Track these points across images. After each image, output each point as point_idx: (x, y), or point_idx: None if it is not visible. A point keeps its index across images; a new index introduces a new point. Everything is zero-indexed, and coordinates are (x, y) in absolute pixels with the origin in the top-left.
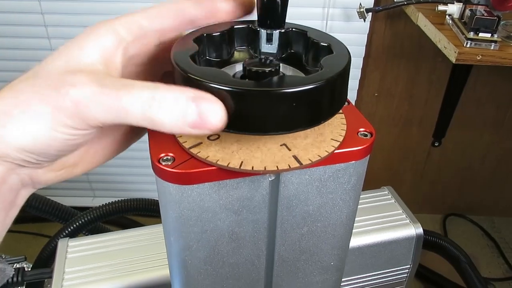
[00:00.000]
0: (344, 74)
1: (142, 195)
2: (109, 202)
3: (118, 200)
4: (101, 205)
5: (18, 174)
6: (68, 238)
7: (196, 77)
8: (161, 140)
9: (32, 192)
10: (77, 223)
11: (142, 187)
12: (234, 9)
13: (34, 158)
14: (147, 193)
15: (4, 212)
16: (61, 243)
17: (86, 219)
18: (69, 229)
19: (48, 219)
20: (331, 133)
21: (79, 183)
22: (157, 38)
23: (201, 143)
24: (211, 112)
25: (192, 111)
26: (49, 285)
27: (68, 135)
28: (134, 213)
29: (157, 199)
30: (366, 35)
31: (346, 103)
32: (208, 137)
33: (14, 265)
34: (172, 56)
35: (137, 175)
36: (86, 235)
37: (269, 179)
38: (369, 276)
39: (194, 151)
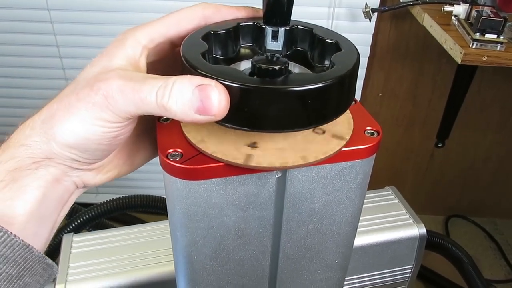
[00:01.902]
0: (356, 70)
1: (145, 192)
2: (113, 199)
3: (122, 197)
4: (105, 201)
5: (71, 177)
6: (72, 233)
7: (211, 76)
8: (169, 136)
9: (83, 192)
10: (81, 219)
11: (145, 184)
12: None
13: (79, 155)
14: (150, 190)
15: (58, 211)
16: (66, 238)
17: (90, 215)
18: (73, 225)
19: None
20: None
21: None
22: (172, 42)
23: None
24: (212, 97)
25: (196, 97)
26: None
27: (104, 127)
28: (138, 209)
29: (161, 196)
30: (371, 35)
31: (353, 101)
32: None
33: None
34: (184, 55)
35: (140, 172)
36: (89, 230)
37: (276, 176)
38: (372, 275)
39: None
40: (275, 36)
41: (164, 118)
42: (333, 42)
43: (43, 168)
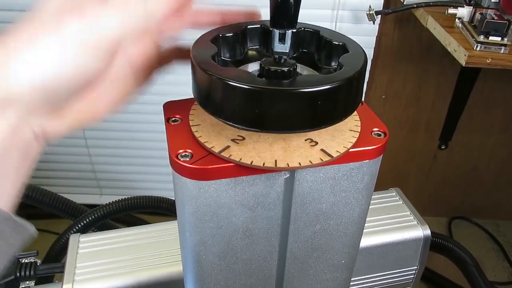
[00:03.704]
0: (364, 71)
1: (148, 193)
2: (118, 199)
3: (128, 198)
4: (111, 202)
5: (30, 126)
6: (79, 233)
7: (223, 78)
8: (179, 137)
9: (43, 147)
10: (87, 220)
11: (149, 186)
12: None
13: (46, 96)
14: (153, 191)
15: (20, 165)
16: (73, 239)
17: (96, 215)
18: (79, 225)
19: (55, 216)
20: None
21: (87, 181)
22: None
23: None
24: None
25: None
26: (56, 280)
27: (81, 63)
28: (143, 210)
29: (166, 197)
30: (374, 37)
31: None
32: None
33: (27, 259)
34: (195, 58)
35: (143, 174)
36: (94, 231)
37: (284, 177)
38: (376, 276)
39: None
40: (282, 39)
41: (173, 119)
42: (340, 43)
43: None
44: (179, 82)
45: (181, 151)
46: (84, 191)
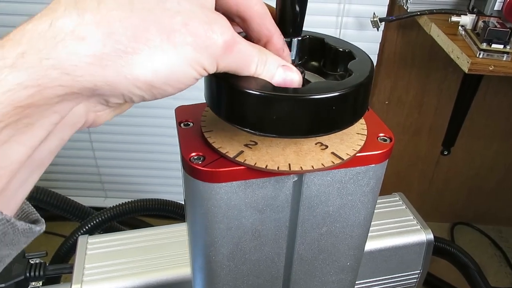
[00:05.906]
0: (372, 77)
1: (153, 197)
2: (125, 202)
3: (135, 200)
4: (117, 204)
5: (88, 113)
6: (87, 235)
7: (241, 86)
8: (191, 141)
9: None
10: (94, 222)
11: (153, 189)
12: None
13: (151, 94)
14: (157, 194)
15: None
16: (81, 240)
17: (102, 218)
18: (86, 228)
19: (61, 219)
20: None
21: (92, 184)
22: None
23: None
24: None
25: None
26: (62, 281)
27: (198, 73)
28: (149, 213)
29: (170, 200)
30: (378, 44)
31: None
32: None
33: (36, 260)
34: None
35: (148, 177)
36: (100, 233)
37: (293, 180)
38: (379, 280)
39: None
40: (288, 46)
41: (185, 123)
42: (345, 50)
43: (66, 103)
44: None
45: (193, 154)
46: (89, 194)
